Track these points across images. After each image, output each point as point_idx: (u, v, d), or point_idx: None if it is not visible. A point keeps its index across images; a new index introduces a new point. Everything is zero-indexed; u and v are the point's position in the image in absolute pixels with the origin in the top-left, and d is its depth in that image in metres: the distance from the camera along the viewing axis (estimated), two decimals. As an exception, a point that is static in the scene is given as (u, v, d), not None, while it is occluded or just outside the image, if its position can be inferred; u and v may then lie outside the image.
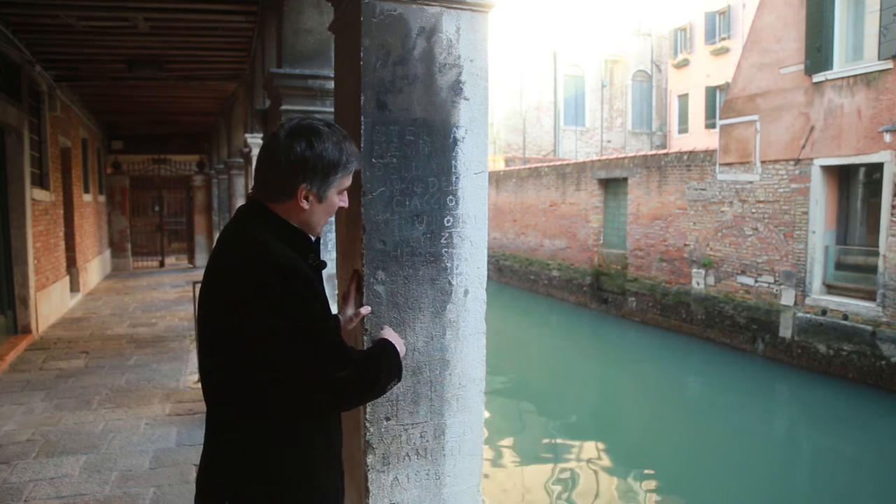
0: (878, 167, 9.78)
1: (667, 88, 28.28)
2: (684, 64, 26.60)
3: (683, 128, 26.98)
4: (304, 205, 1.50)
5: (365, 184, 1.90)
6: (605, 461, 7.97)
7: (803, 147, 10.75)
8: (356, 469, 2.05)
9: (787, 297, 10.97)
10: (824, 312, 10.35)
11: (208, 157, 17.47)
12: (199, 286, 1.70)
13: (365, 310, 1.87)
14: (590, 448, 8.45)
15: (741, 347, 11.75)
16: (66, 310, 9.63)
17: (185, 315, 9.03)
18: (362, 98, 1.88)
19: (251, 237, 1.48)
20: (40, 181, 8.48)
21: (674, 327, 13.35)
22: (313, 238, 1.60)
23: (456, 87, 1.98)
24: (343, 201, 1.58)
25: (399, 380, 1.65)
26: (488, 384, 2.19)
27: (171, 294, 11.53)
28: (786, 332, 10.97)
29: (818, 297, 10.54)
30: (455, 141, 1.99)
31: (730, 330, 12.05)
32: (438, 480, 2.06)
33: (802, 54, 10.83)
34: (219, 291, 1.47)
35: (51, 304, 8.68)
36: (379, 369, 1.56)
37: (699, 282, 12.80)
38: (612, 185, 15.89)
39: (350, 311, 1.87)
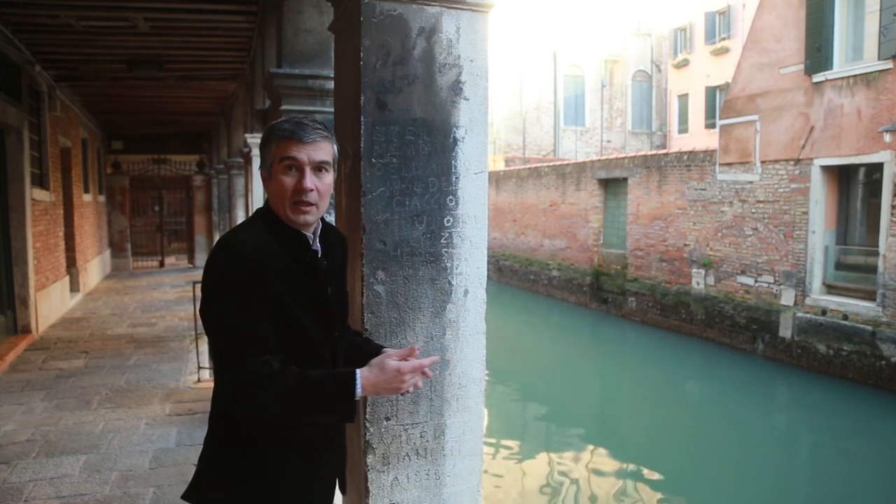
0: (878, 167, 9.78)
1: (667, 88, 28.28)
2: (684, 64, 26.59)
3: (683, 128, 26.98)
4: (265, 186, 1.57)
5: (365, 184, 1.90)
6: (605, 461, 7.97)
7: (803, 147, 10.75)
8: (356, 469, 2.06)
9: (787, 297, 10.97)
10: (824, 312, 10.35)
11: (208, 157, 17.47)
12: (199, 286, 1.71)
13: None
14: (589, 448, 8.44)
15: (741, 347, 11.75)
16: (66, 310, 9.63)
17: (185, 315, 9.03)
18: (362, 98, 1.88)
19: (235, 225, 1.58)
20: (40, 181, 8.48)
21: (674, 327, 13.35)
22: (311, 234, 1.57)
23: (456, 87, 1.98)
24: (290, 177, 1.49)
25: (341, 418, 1.42)
26: (488, 384, 2.19)
27: (171, 294, 11.53)
28: (786, 332, 10.97)
29: (818, 297, 10.54)
30: (455, 141, 1.99)
31: (730, 330, 12.05)
32: (438, 480, 2.06)
33: (802, 54, 10.83)
34: None
35: (51, 304, 8.68)
36: (269, 399, 1.37)
37: (699, 282, 12.80)
38: (612, 185, 15.89)
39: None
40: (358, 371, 1.40)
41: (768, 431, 9.17)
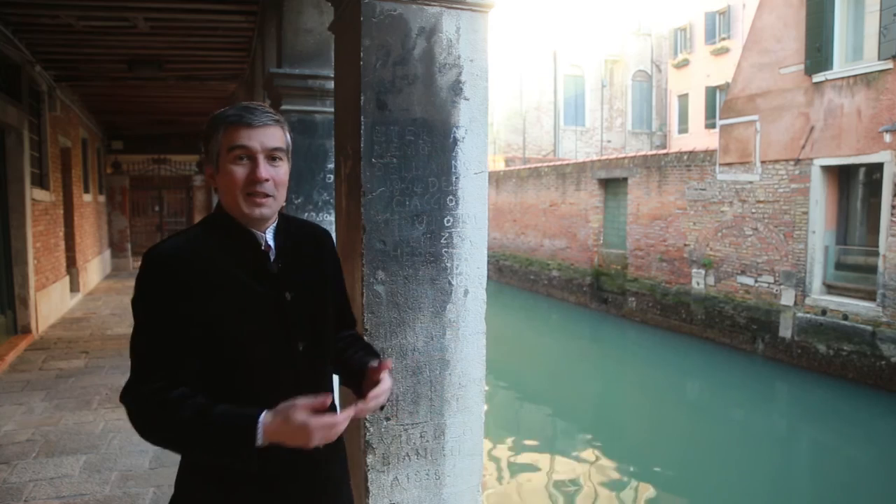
0: (878, 167, 9.77)
1: (667, 88, 28.28)
2: (684, 64, 26.59)
3: (683, 128, 26.98)
4: (212, 185, 1.42)
5: (365, 184, 1.90)
6: (605, 461, 7.97)
7: (803, 147, 10.75)
8: (356, 469, 2.05)
9: (787, 297, 10.97)
10: (824, 312, 10.35)
11: (208, 157, 17.44)
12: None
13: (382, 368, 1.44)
14: (590, 448, 8.45)
15: (741, 347, 11.75)
16: (66, 310, 9.63)
17: (185, 315, 9.01)
18: (362, 98, 1.88)
19: None
20: (40, 181, 8.47)
21: (674, 327, 13.35)
22: (265, 232, 1.41)
23: (456, 87, 1.98)
24: (242, 167, 1.34)
25: (239, 465, 1.24)
26: (488, 384, 2.19)
27: (171, 294, 11.51)
28: (786, 332, 10.97)
29: (818, 297, 10.54)
30: (455, 141, 1.99)
31: (730, 330, 12.05)
32: (438, 480, 2.07)
33: (802, 54, 10.83)
34: None
35: (51, 304, 8.68)
36: (157, 432, 1.28)
37: (699, 282, 12.80)
38: (612, 185, 15.89)
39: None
40: (262, 416, 1.21)
41: (768, 431, 9.17)
